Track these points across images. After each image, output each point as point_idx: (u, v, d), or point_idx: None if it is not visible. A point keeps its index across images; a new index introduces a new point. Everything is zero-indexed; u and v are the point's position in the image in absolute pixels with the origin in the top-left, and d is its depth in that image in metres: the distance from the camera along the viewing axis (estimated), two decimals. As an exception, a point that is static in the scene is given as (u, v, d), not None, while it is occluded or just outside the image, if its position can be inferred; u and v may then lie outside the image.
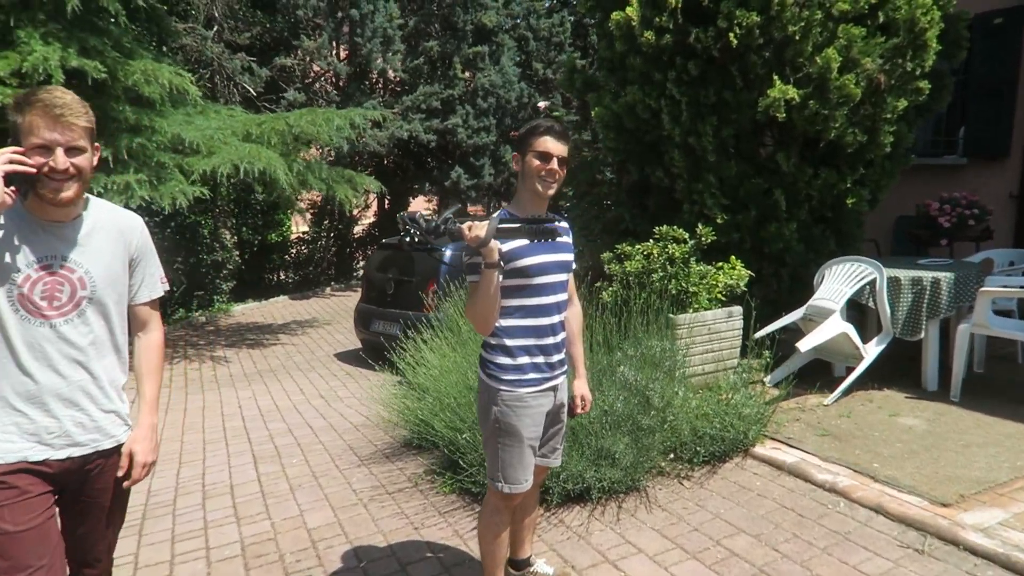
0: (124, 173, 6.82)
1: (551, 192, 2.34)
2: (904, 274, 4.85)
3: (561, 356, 2.43)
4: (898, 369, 5.22)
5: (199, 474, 4.34)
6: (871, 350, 4.79)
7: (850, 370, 4.83)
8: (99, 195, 6.62)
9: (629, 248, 5.08)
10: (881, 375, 5.04)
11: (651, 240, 5.05)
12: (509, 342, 2.32)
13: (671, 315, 4.61)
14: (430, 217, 2.04)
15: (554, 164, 2.30)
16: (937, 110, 5.98)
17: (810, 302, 4.92)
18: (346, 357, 7.84)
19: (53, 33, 6.27)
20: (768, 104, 4.78)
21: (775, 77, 4.84)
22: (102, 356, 1.91)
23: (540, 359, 2.35)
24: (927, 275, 4.77)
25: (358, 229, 15.61)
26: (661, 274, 4.81)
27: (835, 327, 4.60)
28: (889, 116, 5.01)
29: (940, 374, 4.86)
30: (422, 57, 14.25)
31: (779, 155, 5.19)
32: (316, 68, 13.63)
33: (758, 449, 3.92)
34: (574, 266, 2.53)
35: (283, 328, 10.00)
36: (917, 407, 4.54)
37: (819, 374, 5.06)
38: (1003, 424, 4.18)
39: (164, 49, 9.42)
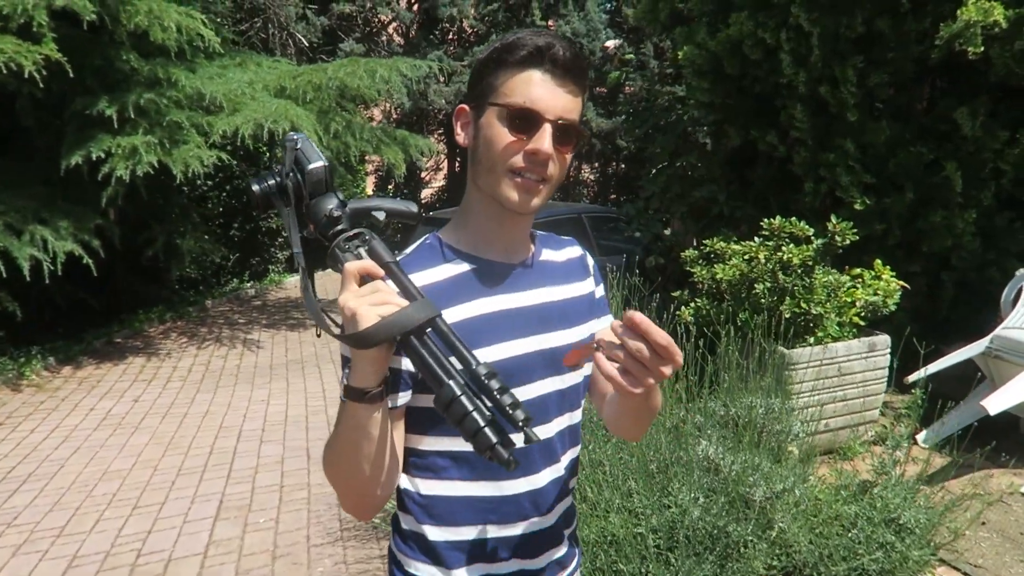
0: (132, 135, 5.93)
1: (537, 203, 0.99)
2: None
3: (561, 551, 1.12)
4: None
5: (144, 532, 3.40)
6: (1093, 408, 3.20)
7: (1056, 435, 3.25)
8: (99, 160, 5.78)
9: (723, 244, 3.63)
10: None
11: (756, 238, 3.55)
12: (433, 533, 1.04)
13: (783, 348, 3.17)
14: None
15: (545, 140, 0.93)
16: None
17: (998, 330, 3.35)
18: (386, 349, 6.83)
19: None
20: (954, 33, 3.17)
21: (965, -8, 3.21)
22: None
23: (506, 568, 1.06)
24: None
25: (427, 193, 14.60)
26: (769, 285, 3.34)
27: (1043, 377, 3.04)
28: None
29: None
30: (497, 3, 12.85)
31: (958, 112, 3.62)
32: (382, 18, 12.46)
33: (923, 586, 2.49)
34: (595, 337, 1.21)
35: (332, 306, 9.17)
36: None
37: (1002, 431, 3.49)
38: None
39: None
